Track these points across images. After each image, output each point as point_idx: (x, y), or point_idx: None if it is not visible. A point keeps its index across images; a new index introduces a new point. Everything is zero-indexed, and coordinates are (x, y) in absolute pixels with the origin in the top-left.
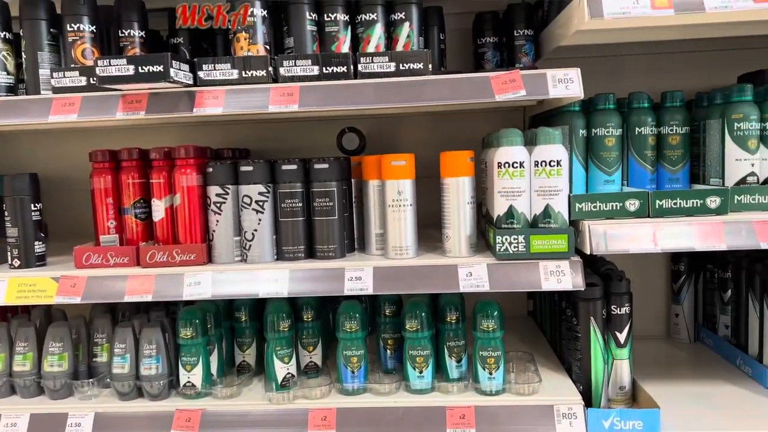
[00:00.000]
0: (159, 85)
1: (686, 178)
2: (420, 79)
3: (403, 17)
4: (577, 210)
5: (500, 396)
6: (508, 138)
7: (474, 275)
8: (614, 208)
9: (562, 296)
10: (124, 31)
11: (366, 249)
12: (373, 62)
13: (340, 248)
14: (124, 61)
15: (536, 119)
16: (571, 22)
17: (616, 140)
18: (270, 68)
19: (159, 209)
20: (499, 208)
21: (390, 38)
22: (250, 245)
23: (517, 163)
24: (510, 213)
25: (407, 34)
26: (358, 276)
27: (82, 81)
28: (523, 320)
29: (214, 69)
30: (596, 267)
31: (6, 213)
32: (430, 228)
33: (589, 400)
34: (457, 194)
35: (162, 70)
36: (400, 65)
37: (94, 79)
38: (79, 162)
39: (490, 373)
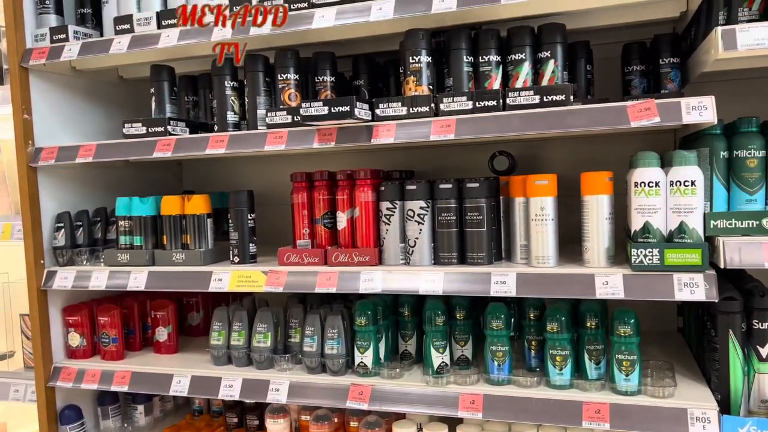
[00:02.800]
0: (346, 121)
1: None
2: (561, 110)
3: (549, 55)
4: (712, 226)
5: (635, 396)
6: (645, 160)
7: (610, 284)
8: (750, 225)
9: (705, 311)
10: (318, 77)
11: (511, 258)
12: (519, 96)
13: (488, 256)
14: (321, 103)
15: (686, 140)
16: (709, 52)
17: (758, 162)
18: (432, 105)
19: (342, 220)
20: (635, 224)
21: (537, 74)
22: (413, 251)
23: (652, 182)
24: (645, 228)
25: (552, 69)
26: (503, 280)
27: (288, 119)
28: (672, 336)
29: (388, 107)
30: (741, 283)
31: (230, 220)
32: (572, 243)
33: (727, 410)
34: (596, 210)
35: (348, 110)
36: (544, 97)
37: (298, 117)
38: (281, 181)
39: (626, 375)
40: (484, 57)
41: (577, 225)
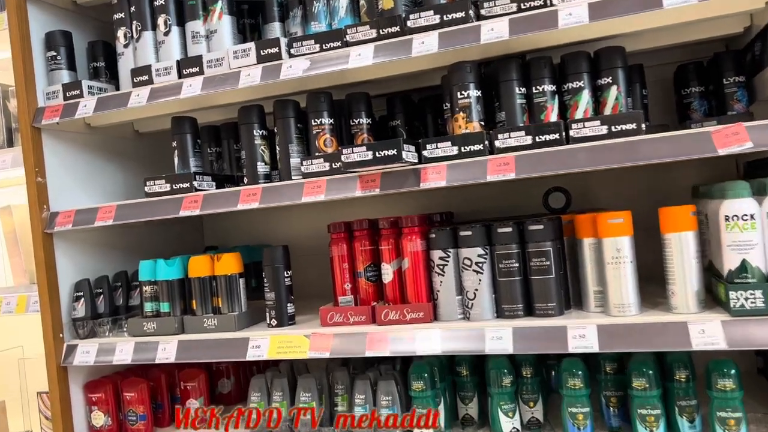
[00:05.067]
0: (393, 165)
1: None
2: (634, 140)
3: (610, 81)
4: None
5: None
6: (736, 190)
7: (707, 333)
8: None
9: None
10: (354, 119)
11: (583, 306)
12: (584, 127)
13: (558, 306)
14: (364, 148)
15: (753, 166)
16: None
17: None
18: (486, 142)
19: (388, 272)
20: (729, 263)
21: (597, 102)
22: (472, 303)
23: (747, 215)
24: (743, 267)
25: (615, 96)
26: (581, 333)
27: (326, 166)
28: (753, 378)
29: (437, 147)
30: None
31: (265, 280)
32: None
33: None
34: (682, 249)
35: (396, 153)
36: (612, 127)
37: (336, 164)
38: (312, 230)
39: None
40: (538, 87)
41: (643, 263)
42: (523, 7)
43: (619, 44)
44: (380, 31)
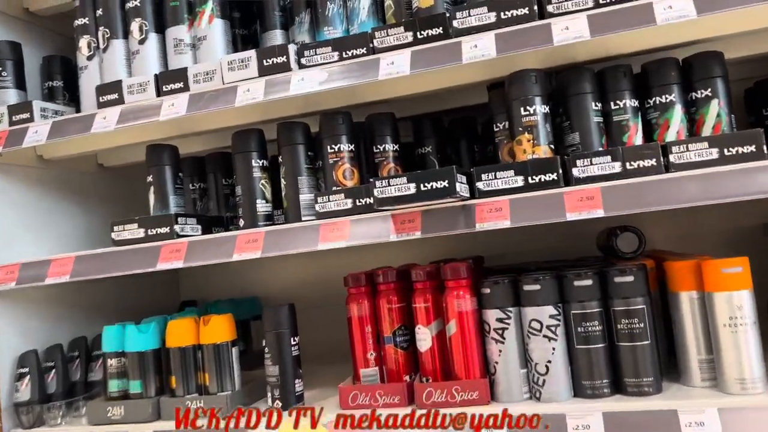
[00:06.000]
0: (442, 201)
1: None
2: (758, 165)
3: (709, 94)
4: None
5: None
6: None
7: None
8: None
9: None
10: (378, 146)
11: (684, 379)
12: (689, 150)
13: (656, 380)
14: (405, 180)
15: None
16: None
17: None
18: (560, 170)
19: (425, 337)
20: None
21: (692, 120)
22: (544, 380)
23: None
24: None
25: (716, 113)
26: (699, 421)
27: (348, 203)
28: None
29: (495, 178)
30: None
31: (266, 349)
32: None
33: None
34: None
35: (447, 185)
36: (726, 151)
37: (362, 200)
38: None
39: None
40: (618, 102)
41: None
42: (602, 2)
43: (682, 55)
44: (418, 33)
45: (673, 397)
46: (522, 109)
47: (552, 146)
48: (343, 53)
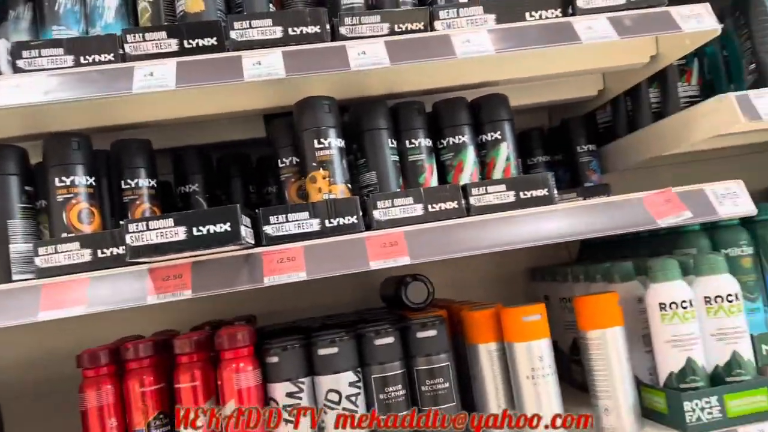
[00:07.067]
0: (222, 249)
1: None
2: (549, 209)
3: (498, 137)
4: (765, 353)
5: None
6: (666, 271)
7: None
8: None
9: None
10: (129, 181)
11: None
12: (488, 193)
13: None
14: (171, 221)
15: (590, 245)
16: (699, 128)
17: (751, 261)
18: (359, 213)
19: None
20: (672, 363)
21: (483, 163)
22: None
23: (686, 302)
24: (690, 368)
25: (506, 156)
26: None
27: (86, 255)
28: None
29: (287, 221)
30: None
31: None
32: None
33: None
34: (614, 351)
35: (230, 229)
36: (521, 194)
37: (106, 250)
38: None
39: None
40: (413, 141)
41: None
42: (397, 29)
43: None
44: (186, 42)
45: None
46: (316, 141)
47: (349, 185)
48: (82, 58)
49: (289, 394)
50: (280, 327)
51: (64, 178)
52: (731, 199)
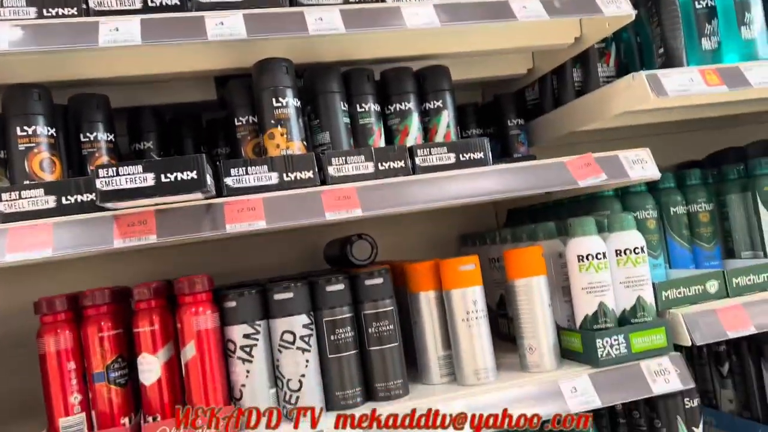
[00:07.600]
0: (187, 197)
1: (719, 255)
2: (487, 170)
3: (440, 105)
4: (663, 299)
5: None
6: (584, 227)
7: (579, 390)
8: (697, 292)
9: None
10: (88, 134)
11: (424, 378)
12: (431, 154)
13: (404, 383)
14: (140, 168)
15: (516, 213)
16: (614, 104)
17: (655, 223)
18: (315, 168)
19: (152, 368)
20: (586, 307)
21: (426, 129)
22: (297, 397)
23: (600, 254)
24: (602, 311)
25: (447, 123)
26: (451, 413)
27: (50, 201)
28: None
29: (246, 174)
30: None
31: None
32: None
33: None
34: (537, 297)
35: (196, 177)
36: (461, 156)
37: (70, 197)
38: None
39: None
40: (363, 105)
41: None
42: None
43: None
44: (150, 0)
45: (420, 396)
46: (274, 100)
47: (305, 143)
48: (45, 10)
49: (246, 335)
50: (234, 284)
51: (26, 128)
52: (640, 165)
